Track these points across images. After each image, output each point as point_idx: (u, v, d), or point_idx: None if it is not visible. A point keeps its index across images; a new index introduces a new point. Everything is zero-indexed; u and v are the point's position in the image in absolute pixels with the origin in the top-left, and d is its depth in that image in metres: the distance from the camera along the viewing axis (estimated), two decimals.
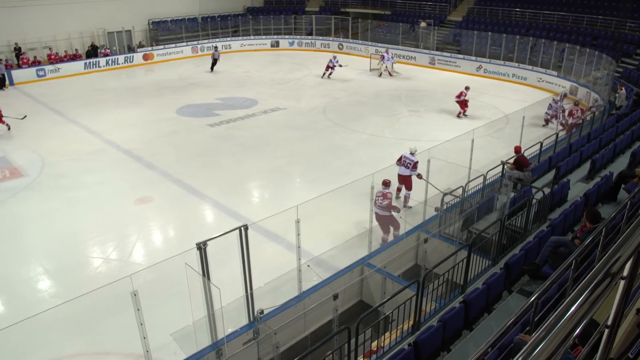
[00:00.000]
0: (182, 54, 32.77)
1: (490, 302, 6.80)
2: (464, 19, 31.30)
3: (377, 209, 10.29)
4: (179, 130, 18.66)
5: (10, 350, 8.01)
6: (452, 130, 17.48)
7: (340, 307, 7.89)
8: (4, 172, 15.07)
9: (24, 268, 10.39)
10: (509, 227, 8.56)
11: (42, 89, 25.48)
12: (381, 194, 10.24)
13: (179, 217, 12.48)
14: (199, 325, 7.14)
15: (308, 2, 39.12)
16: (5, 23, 27.57)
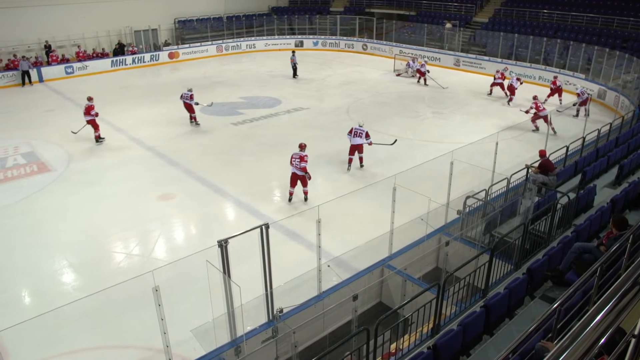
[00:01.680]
0: (207, 52, 33.07)
1: (512, 308, 6.70)
2: (490, 20, 30.94)
3: (293, 169, 12.45)
4: (202, 128, 18.83)
5: (34, 342, 8.17)
6: (476, 133, 17.30)
7: (359, 308, 7.86)
8: (32, 166, 15.39)
9: (49, 261, 10.59)
10: (532, 232, 8.43)
11: (70, 86, 25.97)
12: (298, 156, 12.35)
13: (201, 215, 12.58)
14: (218, 322, 7.19)
15: (333, 2, 39.11)
16: (36, 21, 28.19)
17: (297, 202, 12.84)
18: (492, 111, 20.61)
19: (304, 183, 12.76)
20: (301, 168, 12.34)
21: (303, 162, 12.32)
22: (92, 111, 17.16)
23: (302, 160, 12.34)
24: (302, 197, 13.01)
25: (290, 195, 12.96)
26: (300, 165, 12.32)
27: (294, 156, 12.48)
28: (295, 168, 12.42)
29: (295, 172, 12.48)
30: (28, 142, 17.56)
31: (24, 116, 20.76)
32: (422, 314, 6.40)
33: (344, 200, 11.35)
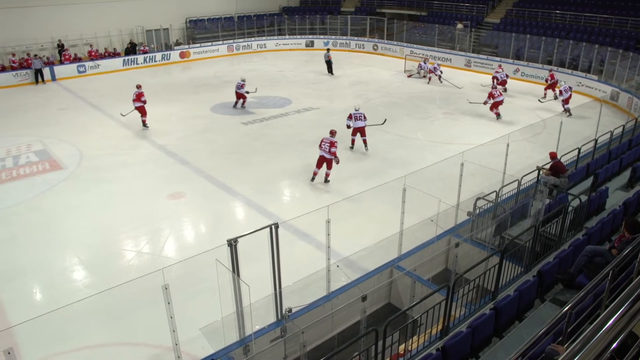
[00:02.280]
0: (217, 52, 33.20)
1: (522, 310, 6.66)
2: (501, 21, 30.76)
3: (322, 152, 13.56)
4: (213, 127, 18.90)
5: (45, 337, 8.24)
6: (487, 134, 17.21)
7: (368, 309, 7.85)
8: (44, 164, 15.53)
9: (60, 258, 10.68)
10: (543, 234, 8.37)
11: (82, 85, 26.20)
12: (328, 141, 13.51)
13: (210, 213, 12.63)
14: (227, 321, 7.21)
15: (344, 2, 39.07)
16: (49, 20, 28.45)
17: (309, 199, 12.85)
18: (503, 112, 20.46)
19: (329, 166, 13.83)
20: (331, 152, 13.46)
21: (333, 148, 13.47)
22: (142, 97, 18.56)
23: (333, 145, 13.47)
24: (324, 178, 13.98)
25: (314, 175, 14.00)
26: (331, 150, 13.44)
27: (324, 141, 13.61)
28: (324, 152, 13.55)
29: (324, 155, 13.59)
30: (40, 139, 17.72)
31: (36, 114, 20.96)
32: (431, 315, 6.38)
33: (353, 201, 11.35)
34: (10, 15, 27.13)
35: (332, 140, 13.60)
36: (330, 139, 13.63)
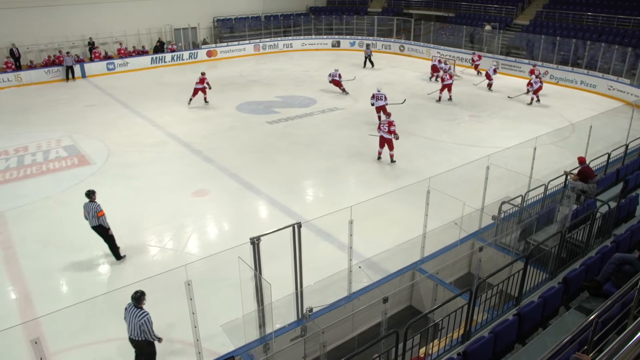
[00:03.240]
0: (244, 51, 33.43)
1: (546, 317, 6.56)
2: (531, 23, 30.29)
3: (382, 133, 14.83)
4: (238, 126, 19.04)
5: (70, 329, 8.41)
6: (514, 137, 16.98)
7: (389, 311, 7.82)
8: (73, 159, 15.85)
9: (86, 251, 10.88)
10: (569, 241, 8.22)
11: (111, 82, 26.66)
12: (386, 122, 14.79)
13: (234, 211, 12.72)
14: (248, 319, 7.26)
15: (371, 2, 38.97)
16: (80, 19, 29.05)
17: (332, 199, 12.85)
18: (530, 116, 20.19)
19: (391, 146, 15.00)
20: (390, 131, 14.68)
21: (392, 127, 14.67)
22: (206, 81, 21.43)
23: (391, 124, 14.68)
24: (389, 159, 15.19)
25: (379, 155, 15.40)
26: (390, 129, 14.66)
27: (383, 122, 14.96)
28: (384, 132, 14.84)
29: (383, 135, 14.88)
30: (70, 135, 18.09)
31: (66, 110, 21.40)
32: (452, 319, 6.32)
33: (377, 202, 11.30)
34: (43, 13, 27.76)
35: (390, 120, 14.82)
36: (388, 120, 14.84)
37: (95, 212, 10.04)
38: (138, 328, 6.97)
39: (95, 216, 10.05)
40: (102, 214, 10.08)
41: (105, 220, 10.11)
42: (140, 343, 7.12)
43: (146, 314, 6.98)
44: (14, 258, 10.60)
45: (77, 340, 8.27)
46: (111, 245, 10.35)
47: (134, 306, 7.03)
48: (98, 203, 10.18)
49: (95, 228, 10.16)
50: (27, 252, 10.83)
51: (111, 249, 10.36)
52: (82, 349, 8.14)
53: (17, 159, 15.98)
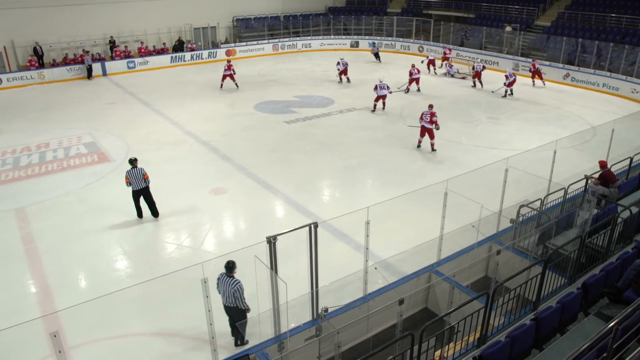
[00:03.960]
0: (263, 51, 33.56)
1: (564, 323, 6.47)
2: (552, 24, 29.91)
3: (424, 123, 15.91)
4: (256, 125, 19.12)
5: (88, 324, 8.53)
6: (533, 140, 16.80)
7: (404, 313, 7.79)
8: (93, 156, 16.07)
9: (105, 247, 11.03)
10: (589, 246, 8.10)
11: (132, 80, 26.97)
12: (429, 113, 15.82)
13: (251, 210, 12.78)
14: (263, 318, 7.29)
15: (390, 3, 38.84)
16: (102, 17, 29.43)
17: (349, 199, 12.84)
18: (551, 118, 19.95)
19: (432, 135, 15.99)
20: (432, 122, 15.75)
21: (434, 117, 15.75)
22: (232, 67, 24.05)
23: (433, 115, 15.77)
24: (430, 148, 16.16)
25: (419, 143, 16.45)
26: (432, 119, 15.74)
27: (424, 113, 15.94)
28: (425, 122, 15.87)
29: (425, 125, 15.90)
30: (90, 132, 18.34)
31: (87, 108, 21.70)
32: (468, 322, 6.27)
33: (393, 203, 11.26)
34: (66, 12, 28.18)
35: (433, 112, 15.85)
36: (430, 111, 15.85)
37: (142, 175, 11.75)
38: (232, 295, 7.46)
39: (142, 179, 11.74)
40: (147, 177, 11.82)
41: (148, 182, 11.87)
42: (233, 310, 7.61)
43: (238, 281, 7.46)
44: (34, 252, 10.78)
45: (94, 334, 8.38)
46: (151, 204, 12.05)
47: (226, 275, 7.53)
48: (142, 167, 11.87)
49: (142, 190, 11.83)
50: (47, 246, 11.01)
51: (151, 207, 12.06)
52: (99, 343, 8.24)
53: (39, 155, 16.25)
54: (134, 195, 11.89)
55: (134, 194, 11.88)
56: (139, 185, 11.72)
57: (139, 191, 11.82)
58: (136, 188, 11.75)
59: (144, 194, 11.90)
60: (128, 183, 11.68)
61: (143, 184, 11.76)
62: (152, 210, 12.07)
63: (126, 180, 11.67)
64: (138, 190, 11.79)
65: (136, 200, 11.96)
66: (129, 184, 11.68)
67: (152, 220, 12.12)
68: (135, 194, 11.88)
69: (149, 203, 12.00)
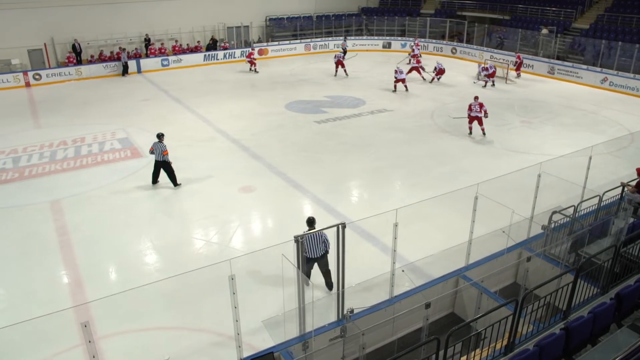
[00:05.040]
0: (295, 50, 33.70)
1: (596, 334, 6.31)
2: (591, 27, 29.19)
3: (472, 113, 17.48)
4: (286, 124, 19.20)
5: (117, 315, 8.70)
6: (567, 145, 16.44)
7: (431, 317, 7.71)
8: (126, 151, 16.40)
9: (136, 241, 11.24)
10: (624, 255, 7.88)
11: (165, 78, 27.42)
12: (477, 104, 17.33)
13: (279, 209, 12.84)
14: (289, 316, 7.31)
15: (424, 4, 38.51)
16: (139, 15, 30.01)
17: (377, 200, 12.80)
18: (587, 123, 19.49)
19: (480, 122, 17.53)
20: (484, 111, 17.33)
21: (484, 107, 17.30)
22: (252, 55, 28.51)
23: (482, 106, 17.31)
24: (481, 132, 17.75)
25: (470, 130, 17.97)
26: (482, 109, 17.28)
27: (473, 104, 17.45)
28: (475, 112, 17.41)
29: (475, 115, 17.46)
30: (124, 128, 18.73)
31: (122, 104, 22.16)
32: (496, 329, 6.17)
33: (422, 206, 11.17)
34: (104, 10, 28.83)
35: (481, 102, 17.38)
36: (478, 102, 17.35)
37: (162, 151, 13.23)
38: (322, 244, 8.67)
39: (161, 154, 13.25)
40: (166, 153, 13.29)
41: (167, 157, 13.35)
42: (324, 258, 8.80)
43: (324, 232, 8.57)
44: (68, 244, 11.06)
45: (122, 326, 8.54)
46: (170, 175, 13.57)
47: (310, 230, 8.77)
48: (164, 144, 13.34)
49: (159, 162, 13.42)
50: (81, 239, 11.28)
51: (170, 177, 13.58)
52: (127, 335, 8.40)
53: (75, 149, 16.67)
54: (155, 165, 13.59)
55: (155, 164, 13.59)
56: (157, 157, 13.36)
57: (158, 162, 13.47)
58: (157, 159, 13.42)
59: (163, 166, 13.49)
60: (151, 152, 13.39)
61: (160, 157, 13.30)
62: (172, 180, 13.61)
63: (150, 149, 13.39)
64: (157, 161, 13.47)
65: (155, 169, 13.62)
66: (151, 152, 13.39)
67: (182, 216, 12.30)
68: (156, 164, 13.55)
69: (169, 174, 13.57)
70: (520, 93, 24.18)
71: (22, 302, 9.21)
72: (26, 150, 16.64)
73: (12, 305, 9.16)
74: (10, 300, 9.35)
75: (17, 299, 9.33)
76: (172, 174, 13.57)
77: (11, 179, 14.46)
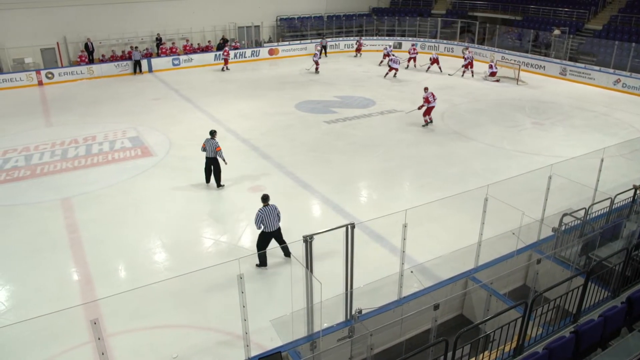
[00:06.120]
0: (305, 50, 33.72)
1: (606, 338, 6.25)
2: (604, 28, 28.94)
3: (431, 104, 18.52)
4: (296, 124, 19.22)
5: (126, 313, 8.74)
6: (579, 147, 16.31)
7: (439, 318, 7.68)
8: (137, 150, 16.49)
9: (145, 239, 11.30)
10: (635, 259, 7.79)
11: (176, 77, 27.56)
12: (430, 93, 18.47)
13: (288, 209, 12.78)
14: (297, 316, 7.30)
15: (435, 4, 38.38)
16: (150, 15, 30.21)
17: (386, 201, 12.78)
18: (598, 125, 19.32)
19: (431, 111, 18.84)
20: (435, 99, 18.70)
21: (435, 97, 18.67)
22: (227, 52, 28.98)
23: (434, 96, 18.60)
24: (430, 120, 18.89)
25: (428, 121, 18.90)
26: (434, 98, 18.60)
27: (428, 95, 18.49)
28: (433, 102, 18.58)
29: (433, 105, 18.63)
30: (135, 127, 18.83)
31: (133, 103, 22.29)
32: (505, 331, 6.13)
33: (432, 207, 11.14)
34: (116, 10, 29.05)
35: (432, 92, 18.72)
36: (430, 92, 18.64)
37: (214, 147, 13.26)
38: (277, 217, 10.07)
39: (214, 150, 13.27)
40: (219, 149, 13.32)
41: (221, 154, 13.37)
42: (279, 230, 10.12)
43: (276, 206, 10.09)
44: (78, 242, 11.13)
45: (131, 324, 8.58)
46: (217, 174, 13.53)
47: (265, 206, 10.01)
48: (217, 140, 13.38)
49: (211, 159, 13.38)
50: (91, 236, 11.35)
51: (216, 177, 13.54)
52: (135, 333, 8.44)
53: (86, 148, 16.79)
54: (206, 162, 13.52)
55: (206, 161, 13.50)
56: (209, 153, 13.29)
57: (210, 159, 13.39)
58: (208, 155, 13.34)
59: (213, 163, 13.41)
60: (203, 148, 13.35)
61: (212, 153, 13.25)
62: (217, 180, 13.54)
63: (203, 145, 13.36)
64: (209, 158, 13.38)
65: (207, 166, 13.54)
66: (203, 149, 13.34)
67: (192, 214, 12.34)
68: (207, 161, 13.48)
69: (215, 173, 13.49)
70: (532, 94, 24.02)
71: (33, 298, 9.29)
72: (38, 148, 16.78)
73: (23, 302, 9.24)
74: (20, 297, 9.43)
75: (27, 296, 9.42)
76: (219, 173, 13.55)
77: (23, 176, 14.59)
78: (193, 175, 14.39)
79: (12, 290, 9.68)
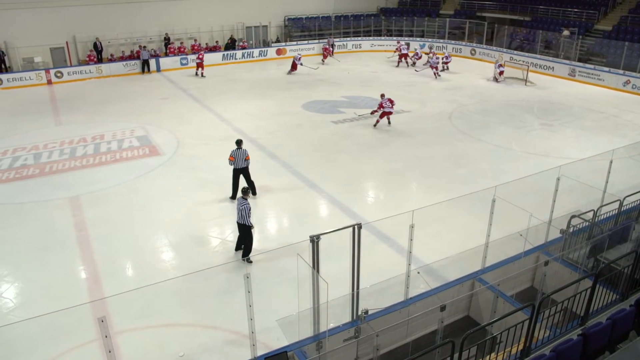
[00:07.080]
0: (313, 50, 33.72)
1: (614, 341, 6.20)
2: (614, 28, 28.74)
3: (388, 109, 18.47)
4: (303, 124, 19.22)
5: (133, 311, 8.78)
6: (588, 149, 16.22)
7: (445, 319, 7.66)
8: (145, 149, 16.55)
9: (152, 238, 11.33)
10: None
11: (184, 76, 27.60)
12: (387, 100, 18.38)
13: (295, 208, 12.85)
14: (303, 316, 7.30)
15: (443, 4, 38.27)
16: (159, 15, 30.36)
17: (393, 201, 12.75)
18: (607, 126, 19.19)
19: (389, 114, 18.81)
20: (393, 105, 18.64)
21: (393, 103, 18.60)
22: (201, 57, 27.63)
23: (392, 102, 18.51)
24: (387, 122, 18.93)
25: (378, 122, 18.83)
26: (392, 105, 18.52)
27: (384, 101, 18.38)
28: (387, 108, 18.44)
29: (389, 110, 18.54)
30: (143, 126, 18.91)
31: (141, 102, 22.39)
32: (512, 333, 6.10)
33: (439, 208, 11.10)
34: (125, 9, 29.20)
35: (389, 98, 18.55)
36: (388, 98, 18.48)
37: (244, 156, 12.61)
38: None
39: (244, 159, 12.63)
40: (248, 158, 12.73)
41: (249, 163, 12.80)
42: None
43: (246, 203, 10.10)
44: (86, 240, 11.19)
45: (138, 322, 8.62)
46: (250, 183, 12.86)
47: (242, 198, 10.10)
48: (246, 149, 12.74)
49: (242, 169, 12.72)
50: (99, 235, 11.41)
51: (251, 186, 12.79)
52: (142, 331, 8.47)
53: (94, 147, 16.88)
54: (235, 173, 12.78)
55: (235, 172, 12.77)
56: (240, 164, 12.62)
57: (240, 170, 12.71)
58: (237, 167, 12.65)
59: (243, 173, 12.78)
60: (231, 162, 12.60)
61: (243, 163, 12.64)
62: (252, 189, 12.76)
63: (230, 158, 12.58)
64: (238, 168, 12.68)
65: (235, 178, 12.79)
66: (232, 162, 12.60)
67: (198, 214, 12.37)
68: (236, 172, 12.75)
69: (249, 182, 12.80)
70: (540, 95, 23.90)
71: (41, 296, 9.35)
72: (47, 147, 16.90)
73: (31, 299, 9.31)
74: (29, 294, 9.50)
75: (35, 293, 9.48)
76: (252, 182, 12.92)
77: (32, 174, 14.69)
78: (200, 175, 14.43)
79: (20, 287, 9.75)
